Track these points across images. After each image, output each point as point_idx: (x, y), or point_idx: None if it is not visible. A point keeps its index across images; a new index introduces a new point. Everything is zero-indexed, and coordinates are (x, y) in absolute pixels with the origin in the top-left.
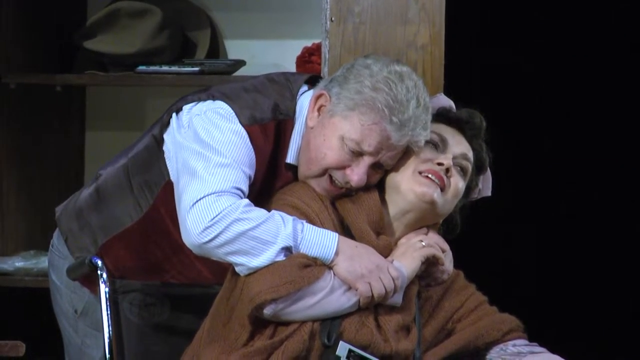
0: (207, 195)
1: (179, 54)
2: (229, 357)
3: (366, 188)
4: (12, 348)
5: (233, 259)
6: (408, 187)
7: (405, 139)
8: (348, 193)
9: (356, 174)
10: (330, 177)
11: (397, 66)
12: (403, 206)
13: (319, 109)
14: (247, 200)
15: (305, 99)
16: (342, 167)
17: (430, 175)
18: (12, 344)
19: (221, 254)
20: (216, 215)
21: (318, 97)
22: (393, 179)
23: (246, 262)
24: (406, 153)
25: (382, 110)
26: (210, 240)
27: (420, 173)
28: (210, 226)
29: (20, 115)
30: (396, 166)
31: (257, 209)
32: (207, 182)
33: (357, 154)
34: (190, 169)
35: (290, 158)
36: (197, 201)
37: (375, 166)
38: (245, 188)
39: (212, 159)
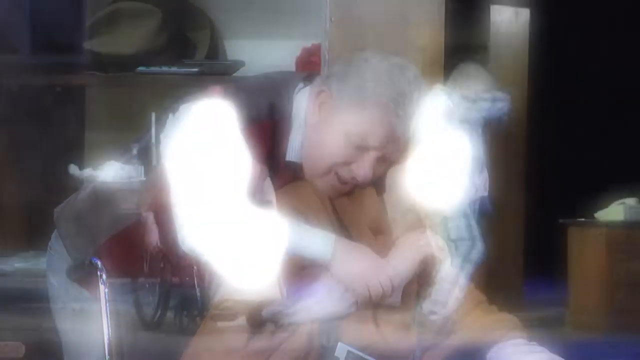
0: (203, 198)
1: (179, 55)
2: (229, 358)
3: (365, 188)
4: (12, 348)
5: (229, 262)
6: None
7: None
8: (353, 189)
9: (362, 169)
10: (337, 173)
11: (395, 59)
12: (403, 207)
13: (320, 106)
14: (243, 203)
15: (302, 97)
16: (348, 163)
17: None
18: (12, 344)
19: (217, 258)
20: (211, 219)
21: (318, 94)
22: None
23: (243, 265)
24: None
25: (387, 104)
26: (206, 245)
27: None
28: (205, 230)
29: (21, 116)
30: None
31: (253, 211)
32: (202, 185)
33: (363, 149)
34: (186, 171)
35: (290, 156)
36: (192, 204)
37: (380, 160)
38: (242, 189)
39: (207, 161)
